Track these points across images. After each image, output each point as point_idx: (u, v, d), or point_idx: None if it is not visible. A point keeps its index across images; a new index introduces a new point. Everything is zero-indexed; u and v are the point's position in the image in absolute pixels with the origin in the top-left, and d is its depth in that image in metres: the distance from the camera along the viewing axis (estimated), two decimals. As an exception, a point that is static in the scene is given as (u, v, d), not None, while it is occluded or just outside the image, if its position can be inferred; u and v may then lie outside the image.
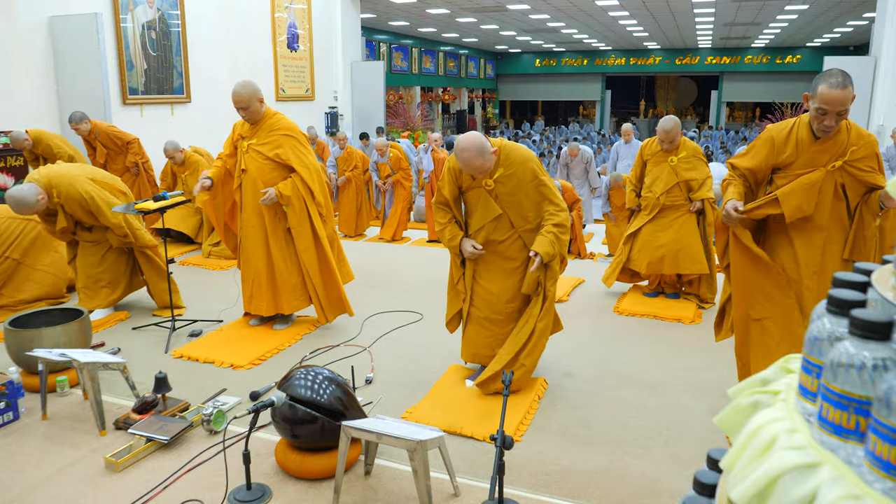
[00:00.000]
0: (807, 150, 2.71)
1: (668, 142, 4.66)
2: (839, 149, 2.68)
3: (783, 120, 3.02)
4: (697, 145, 4.79)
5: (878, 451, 0.67)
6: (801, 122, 2.73)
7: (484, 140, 2.98)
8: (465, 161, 2.96)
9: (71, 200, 4.11)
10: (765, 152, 2.78)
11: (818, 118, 2.58)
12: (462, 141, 2.97)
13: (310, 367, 2.67)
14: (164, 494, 2.47)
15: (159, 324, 4.27)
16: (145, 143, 8.79)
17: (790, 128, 2.75)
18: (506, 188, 3.09)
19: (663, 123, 4.67)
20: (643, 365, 3.73)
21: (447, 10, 15.91)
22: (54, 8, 7.59)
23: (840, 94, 2.46)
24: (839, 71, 2.50)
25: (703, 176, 4.70)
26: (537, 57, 28.53)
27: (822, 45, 23.09)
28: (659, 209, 4.72)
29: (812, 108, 2.57)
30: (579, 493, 2.51)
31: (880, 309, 0.80)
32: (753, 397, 0.92)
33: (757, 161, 2.81)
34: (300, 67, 12.06)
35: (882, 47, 10.33)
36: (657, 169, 4.76)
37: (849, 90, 2.48)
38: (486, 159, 2.98)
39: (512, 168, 3.08)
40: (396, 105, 16.08)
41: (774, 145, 2.76)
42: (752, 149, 2.84)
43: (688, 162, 4.68)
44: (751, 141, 10.87)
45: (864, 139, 2.69)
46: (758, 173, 2.84)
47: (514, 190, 3.09)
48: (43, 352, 2.99)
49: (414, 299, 4.90)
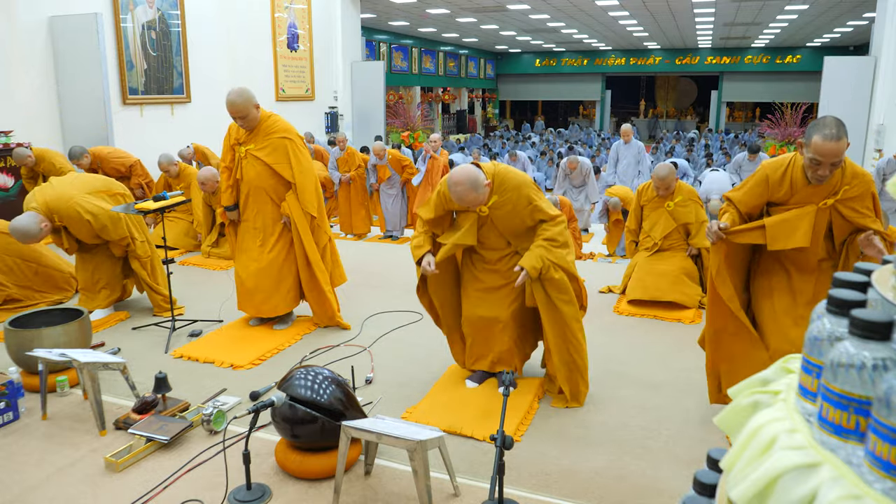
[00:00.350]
0: (801, 191, 2.74)
1: (663, 188, 4.76)
2: (832, 188, 2.69)
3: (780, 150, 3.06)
4: (693, 187, 4.85)
5: (878, 451, 0.67)
6: (795, 162, 2.74)
7: (477, 174, 2.93)
8: (459, 195, 2.93)
9: (74, 222, 4.07)
10: (759, 190, 2.81)
11: (812, 167, 2.58)
12: (455, 175, 2.92)
13: (310, 367, 2.67)
14: (164, 494, 2.47)
15: (159, 324, 4.27)
16: (145, 143, 8.80)
17: (785, 167, 2.75)
18: (501, 212, 3.08)
19: (658, 171, 4.73)
20: (643, 365, 3.73)
21: (447, 10, 15.91)
22: (54, 8, 7.59)
23: (834, 146, 2.47)
24: (833, 121, 2.50)
25: (700, 220, 4.75)
26: (537, 57, 28.53)
27: (822, 45, 23.09)
28: (657, 249, 4.83)
29: (806, 156, 2.57)
30: (579, 493, 2.50)
31: (880, 309, 0.80)
32: (753, 397, 0.92)
33: (752, 197, 2.84)
34: (300, 67, 12.07)
35: (882, 47, 10.33)
36: (655, 214, 4.85)
37: (843, 141, 2.48)
38: (479, 193, 2.94)
39: (506, 195, 3.05)
40: (396, 105, 16.06)
41: (769, 184, 2.77)
42: (748, 185, 2.87)
43: (684, 206, 4.75)
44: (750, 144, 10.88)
45: (859, 178, 2.68)
46: (753, 209, 2.87)
47: (509, 214, 3.08)
48: (43, 352, 2.99)
49: (414, 299, 4.86)
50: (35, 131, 7.49)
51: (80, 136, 7.83)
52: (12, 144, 7.15)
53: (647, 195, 4.91)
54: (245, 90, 3.91)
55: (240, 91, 3.88)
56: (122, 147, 8.06)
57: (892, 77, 10.00)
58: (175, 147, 9.10)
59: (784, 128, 11.12)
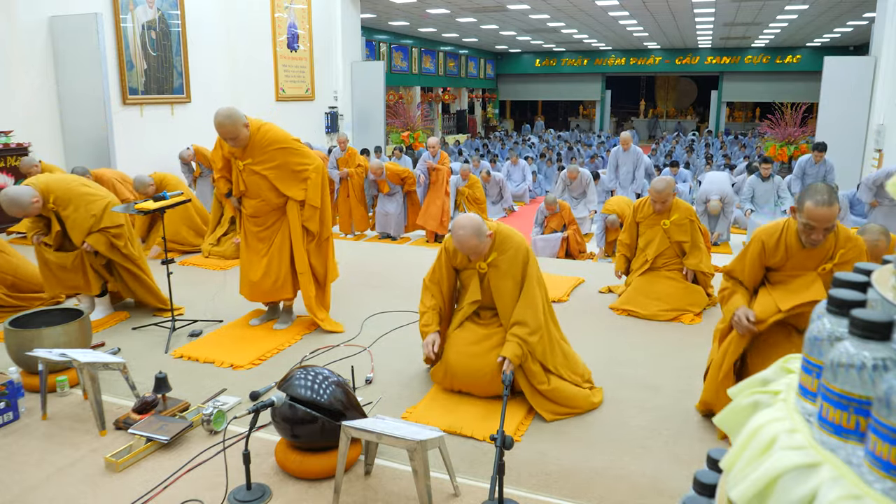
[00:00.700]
0: (795, 255, 2.83)
1: (660, 202, 4.59)
2: (827, 253, 2.80)
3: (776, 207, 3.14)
4: (690, 205, 4.74)
5: (878, 451, 0.67)
6: (789, 227, 2.83)
7: (481, 222, 3.01)
8: (461, 240, 2.97)
9: (68, 204, 4.06)
10: (759, 261, 2.92)
11: (806, 232, 2.67)
12: (460, 220, 3.02)
13: (310, 367, 2.67)
14: (164, 494, 2.47)
15: (159, 324, 4.27)
16: (145, 143, 8.80)
17: (780, 233, 2.85)
18: (497, 272, 3.10)
19: (656, 184, 4.60)
20: (643, 365, 3.73)
21: (447, 10, 15.91)
22: (54, 8, 7.59)
23: (826, 212, 2.56)
24: (825, 187, 2.59)
25: (696, 241, 4.65)
26: (537, 57, 28.53)
27: (822, 45, 23.10)
28: (648, 268, 4.71)
29: (799, 221, 2.66)
30: (579, 493, 2.51)
31: (880, 309, 0.80)
32: (753, 397, 0.92)
33: (754, 269, 2.94)
34: (300, 67, 12.06)
35: (882, 47, 10.32)
36: (650, 232, 4.71)
37: (835, 207, 2.57)
38: (481, 241, 3.00)
39: (506, 253, 3.09)
40: (396, 105, 16.07)
41: (765, 250, 2.88)
42: (746, 258, 2.96)
43: (680, 224, 4.63)
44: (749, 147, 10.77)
45: (853, 242, 2.79)
46: (754, 279, 2.97)
47: (504, 275, 3.09)
48: (43, 352, 2.99)
49: (414, 299, 4.88)
50: (35, 131, 7.49)
51: (80, 136, 7.84)
52: (12, 144, 7.16)
53: (643, 212, 4.76)
54: (233, 111, 3.81)
55: (228, 113, 3.77)
56: (122, 147, 8.07)
57: (892, 77, 10.00)
58: (175, 147, 9.12)
59: (784, 128, 11.12)
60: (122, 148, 8.04)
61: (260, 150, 3.90)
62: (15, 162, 7.15)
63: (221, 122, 3.76)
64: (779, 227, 2.88)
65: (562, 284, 5.20)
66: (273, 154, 3.91)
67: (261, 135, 3.89)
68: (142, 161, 8.49)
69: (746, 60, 25.06)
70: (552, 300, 4.81)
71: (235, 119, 3.78)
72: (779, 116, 11.23)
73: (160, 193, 4.25)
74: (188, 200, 4.57)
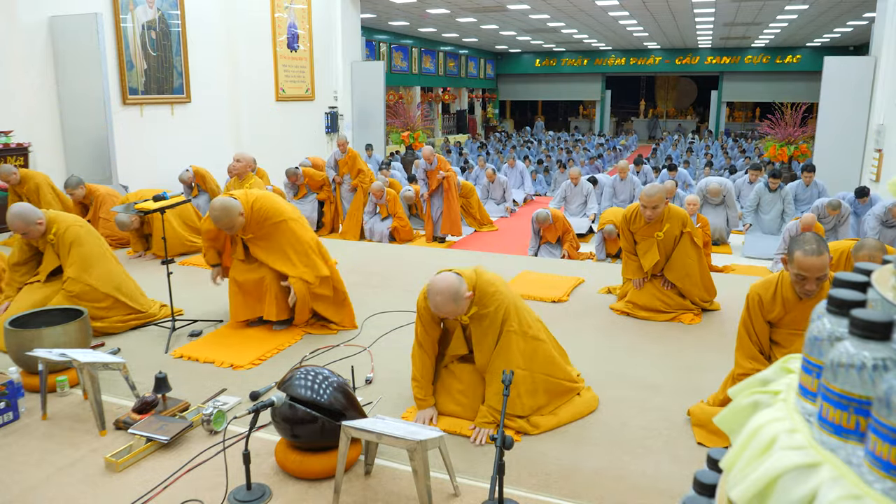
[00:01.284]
0: (794, 308, 2.82)
1: (650, 207, 4.30)
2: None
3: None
4: (685, 212, 4.51)
5: (878, 451, 0.67)
6: (784, 280, 2.81)
7: (458, 285, 2.78)
8: (437, 305, 2.79)
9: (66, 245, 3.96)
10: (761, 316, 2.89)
11: (799, 282, 2.67)
12: (436, 284, 2.77)
13: (310, 367, 2.67)
14: (164, 494, 2.47)
15: (159, 324, 4.27)
16: (145, 143, 8.80)
17: (775, 287, 2.84)
18: (479, 326, 2.94)
19: (647, 189, 4.36)
20: (643, 365, 3.73)
21: (447, 10, 15.91)
22: (54, 8, 7.59)
23: (815, 261, 2.56)
24: (813, 237, 2.59)
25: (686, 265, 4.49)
26: (537, 57, 28.54)
27: (822, 45, 23.10)
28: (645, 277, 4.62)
29: (792, 273, 2.65)
30: (579, 493, 2.51)
31: (880, 309, 0.80)
32: (753, 397, 0.92)
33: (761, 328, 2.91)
34: (300, 67, 12.06)
35: (882, 47, 10.32)
36: (645, 244, 4.51)
37: (824, 256, 2.56)
38: (458, 305, 2.81)
39: (487, 309, 2.91)
40: (396, 105, 16.07)
41: (764, 305, 2.86)
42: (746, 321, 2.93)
43: (671, 235, 4.46)
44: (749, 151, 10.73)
45: None
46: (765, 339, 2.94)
47: (485, 331, 2.93)
48: (43, 352, 2.99)
49: (414, 299, 4.87)
50: (35, 131, 7.49)
51: (80, 137, 7.84)
52: (12, 144, 7.16)
53: (635, 224, 4.55)
54: (227, 206, 3.71)
55: (222, 206, 3.70)
56: (122, 147, 8.07)
57: (892, 77, 10.00)
58: (175, 147, 9.13)
59: (784, 128, 11.12)
60: (122, 148, 8.04)
61: (257, 225, 3.88)
62: (15, 162, 7.15)
63: (217, 216, 3.71)
64: (773, 280, 2.86)
65: (562, 284, 5.20)
66: (269, 231, 3.87)
67: (255, 212, 3.85)
68: (142, 161, 8.50)
69: (746, 60, 25.07)
70: (552, 300, 4.84)
71: (230, 213, 3.72)
72: (779, 116, 11.22)
73: (160, 193, 4.24)
74: (188, 200, 4.58)
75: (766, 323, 2.91)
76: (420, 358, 3.11)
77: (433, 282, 2.81)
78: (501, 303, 2.93)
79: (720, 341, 4.08)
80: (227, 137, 10.31)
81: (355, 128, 13.63)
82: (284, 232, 3.92)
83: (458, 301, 2.79)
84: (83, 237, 4.04)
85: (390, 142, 14.47)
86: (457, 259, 6.48)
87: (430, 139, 18.77)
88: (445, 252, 7.17)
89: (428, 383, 3.11)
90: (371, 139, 13.32)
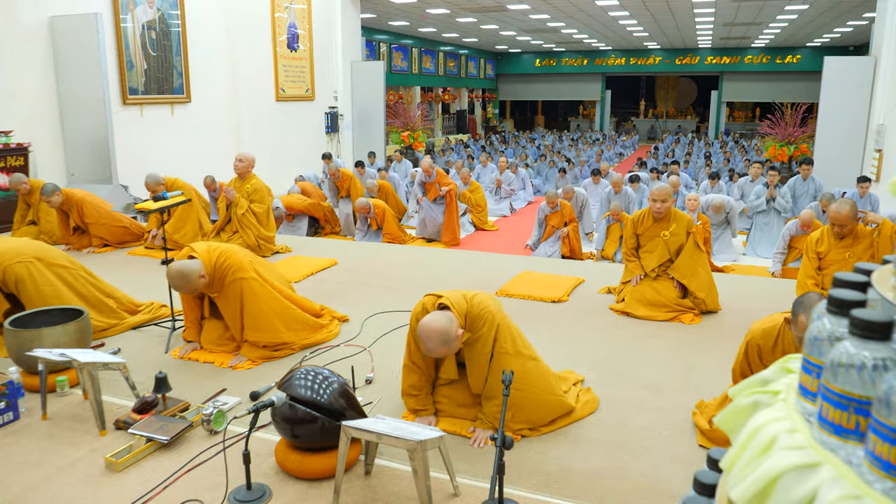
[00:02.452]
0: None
1: (660, 200, 4.54)
2: None
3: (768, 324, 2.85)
4: (690, 217, 4.71)
5: (878, 451, 0.67)
6: (785, 334, 2.71)
7: (449, 327, 2.68)
8: (428, 350, 2.73)
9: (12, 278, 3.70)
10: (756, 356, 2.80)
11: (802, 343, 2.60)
12: (426, 328, 2.67)
13: (310, 367, 2.67)
14: (164, 494, 2.47)
15: (159, 324, 4.27)
16: (145, 143, 8.80)
17: (776, 337, 2.74)
18: (472, 351, 2.89)
19: (656, 185, 4.63)
20: (643, 365, 3.73)
21: (447, 10, 15.91)
22: (54, 8, 7.60)
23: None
24: (816, 296, 2.48)
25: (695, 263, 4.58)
26: (537, 57, 28.54)
27: (822, 45, 23.11)
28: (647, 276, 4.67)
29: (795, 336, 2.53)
30: (579, 493, 2.51)
31: (880, 309, 0.80)
32: (753, 397, 0.92)
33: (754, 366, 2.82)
34: (300, 67, 12.07)
35: (882, 47, 10.33)
36: (650, 244, 4.67)
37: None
38: (450, 347, 2.75)
39: (479, 332, 2.87)
40: (396, 105, 16.07)
41: (762, 353, 2.77)
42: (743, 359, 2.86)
43: (678, 234, 4.61)
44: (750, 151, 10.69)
45: None
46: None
47: (477, 353, 2.89)
48: (43, 352, 2.99)
49: (414, 299, 4.86)
50: (35, 131, 7.49)
51: (80, 137, 7.85)
52: (12, 144, 7.16)
53: (643, 225, 4.70)
54: (185, 271, 3.45)
55: (179, 272, 3.44)
56: (122, 147, 8.07)
57: (892, 77, 10.00)
58: (175, 147, 9.13)
59: (784, 128, 11.13)
60: (121, 148, 8.04)
61: (220, 283, 3.63)
62: (15, 162, 7.15)
63: (176, 285, 3.49)
64: (775, 330, 2.76)
65: (562, 284, 5.20)
66: (228, 290, 3.62)
67: (220, 266, 3.61)
68: (142, 161, 8.50)
69: (746, 60, 25.07)
70: (552, 300, 4.84)
71: (187, 278, 3.47)
72: (779, 116, 11.22)
73: (160, 193, 4.25)
74: (188, 200, 4.58)
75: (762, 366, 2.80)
76: (414, 373, 3.02)
77: (423, 326, 2.69)
78: (492, 324, 2.86)
79: (720, 341, 4.08)
80: (227, 137, 10.31)
81: (355, 128, 13.63)
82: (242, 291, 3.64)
83: (450, 343, 2.70)
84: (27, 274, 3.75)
85: (390, 142, 14.47)
86: (457, 259, 6.48)
87: (430, 139, 18.76)
88: (445, 252, 7.16)
89: (426, 395, 3.04)
90: (371, 139, 13.33)
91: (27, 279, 3.73)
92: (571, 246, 7.22)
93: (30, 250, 3.85)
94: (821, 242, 4.78)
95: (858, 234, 4.69)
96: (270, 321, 3.71)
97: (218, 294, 3.69)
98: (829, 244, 4.75)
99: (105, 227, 6.39)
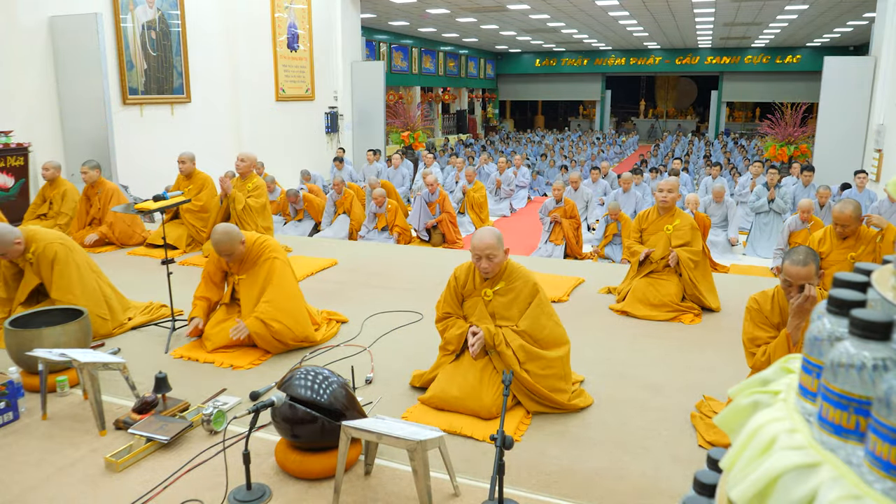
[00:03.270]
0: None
1: (666, 191, 4.74)
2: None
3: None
4: (692, 217, 4.86)
5: (878, 451, 0.67)
6: (778, 290, 2.91)
7: (500, 234, 3.12)
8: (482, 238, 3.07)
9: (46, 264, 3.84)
10: (760, 321, 2.94)
11: (786, 290, 2.78)
12: (483, 230, 3.12)
13: (310, 367, 2.67)
14: (164, 494, 2.47)
15: (159, 324, 4.27)
16: (145, 143, 8.80)
17: (772, 297, 2.93)
18: (502, 301, 3.17)
19: (669, 177, 4.82)
20: (643, 365, 3.73)
21: (447, 10, 15.91)
22: (54, 8, 7.59)
23: (801, 271, 2.69)
24: (805, 249, 2.72)
25: (696, 247, 4.67)
26: (537, 57, 28.53)
27: (822, 45, 23.10)
28: (650, 271, 4.72)
29: (780, 279, 2.78)
30: (579, 493, 2.51)
31: (880, 309, 0.80)
32: (753, 397, 0.92)
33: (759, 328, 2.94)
34: (300, 67, 12.06)
35: (882, 47, 10.33)
36: (654, 238, 4.81)
37: (810, 267, 2.69)
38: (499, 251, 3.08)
39: (514, 283, 3.17)
40: (396, 105, 16.06)
41: (763, 312, 2.94)
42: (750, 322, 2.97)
43: (681, 229, 4.73)
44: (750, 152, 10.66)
45: None
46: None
47: (509, 304, 3.17)
48: (43, 352, 2.99)
49: (414, 299, 4.90)
50: (35, 131, 7.49)
51: (80, 136, 7.84)
52: (12, 144, 7.16)
53: (648, 220, 4.88)
54: (230, 230, 3.69)
55: (226, 230, 3.66)
56: (122, 147, 8.07)
57: (892, 77, 10.00)
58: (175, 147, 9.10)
59: (784, 128, 11.12)
60: (121, 148, 8.04)
61: (252, 263, 3.82)
62: (15, 162, 7.15)
63: (219, 238, 3.66)
64: (770, 292, 2.96)
65: (562, 284, 5.20)
66: (262, 266, 3.79)
67: (256, 247, 3.83)
68: (142, 161, 8.50)
69: (746, 60, 25.06)
70: (552, 300, 4.83)
71: (232, 237, 3.69)
72: (779, 116, 11.22)
73: (160, 193, 4.24)
74: (188, 200, 4.58)
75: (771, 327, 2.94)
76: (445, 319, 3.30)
77: (480, 230, 3.16)
78: (529, 280, 3.19)
79: (720, 341, 4.08)
80: (227, 137, 10.31)
81: (355, 128, 13.63)
82: (273, 269, 3.80)
83: (498, 244, 3.07)
84: (63, 255, 3.91)
85: (390, 142, 14.47)
86: (457, 259, 6.47)
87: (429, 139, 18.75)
88: (446, 252, 7.16)
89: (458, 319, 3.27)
90: (371, 139, 13.32)
91: (62, 260, 3.90)
92: (569, 242, 7.23)
93: (66, 239, 4.06)
94: (823, 242, 4.81)
95: (861, 236, 4.71)
96: (290, 303, 3.83)
97: (246, 275, 3.81)
98: (830, 244, 4.77)
99: (121, 224, 6.55)
